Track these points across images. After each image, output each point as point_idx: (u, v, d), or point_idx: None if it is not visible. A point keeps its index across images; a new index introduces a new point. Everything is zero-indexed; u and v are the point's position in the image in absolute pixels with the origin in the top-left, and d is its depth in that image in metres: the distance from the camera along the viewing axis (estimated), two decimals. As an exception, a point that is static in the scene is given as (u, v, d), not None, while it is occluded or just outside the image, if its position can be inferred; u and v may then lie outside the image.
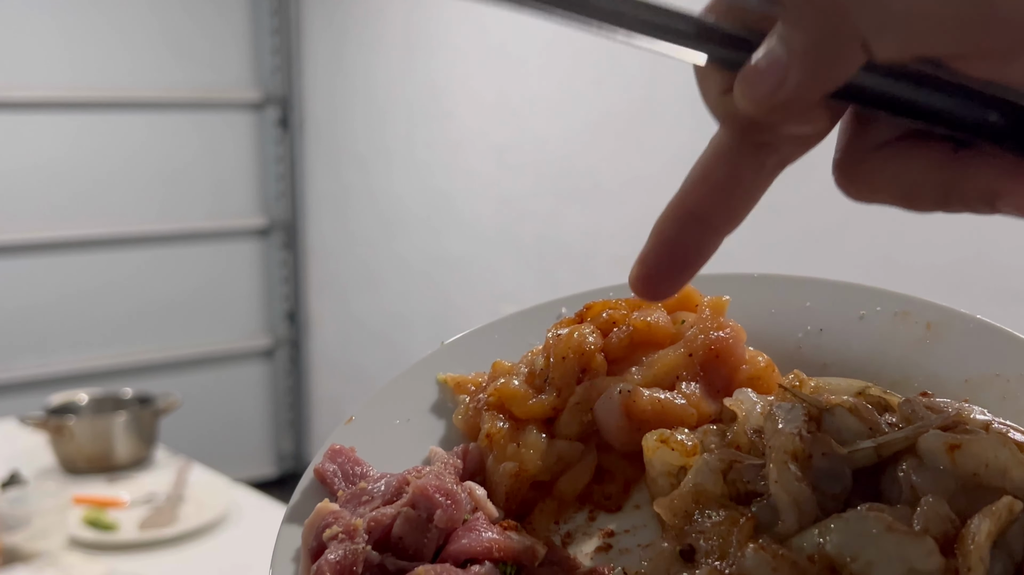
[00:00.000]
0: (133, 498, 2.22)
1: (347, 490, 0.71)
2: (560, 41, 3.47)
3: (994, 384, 0.74)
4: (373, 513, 0.67)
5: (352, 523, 0.65)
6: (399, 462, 0.74)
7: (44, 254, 4.33)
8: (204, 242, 4.67)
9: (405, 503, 0.67)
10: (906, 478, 0.62)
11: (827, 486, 0.63)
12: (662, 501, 0.64)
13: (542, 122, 3.59)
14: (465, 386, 0.80)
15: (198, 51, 4.54)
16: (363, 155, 4.47)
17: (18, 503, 1.72)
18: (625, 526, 0.72)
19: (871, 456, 0.64)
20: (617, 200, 3.35)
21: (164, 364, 4.63)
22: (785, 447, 0.63)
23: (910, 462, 0.63)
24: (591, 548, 0.70)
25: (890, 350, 0.79)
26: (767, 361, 0.78)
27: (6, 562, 1.68)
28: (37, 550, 1.71)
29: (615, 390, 0.73)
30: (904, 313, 0.81)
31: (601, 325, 0.79)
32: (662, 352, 0.77)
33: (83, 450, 2.38)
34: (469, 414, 0.78)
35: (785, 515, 0.62)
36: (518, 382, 0.76)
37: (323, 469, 0.73)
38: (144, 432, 2.43)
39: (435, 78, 4.02)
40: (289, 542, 0.68)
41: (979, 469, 0.61)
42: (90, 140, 4.34)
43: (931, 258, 2.59)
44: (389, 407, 0.79)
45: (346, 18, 4.47)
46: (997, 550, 0.58)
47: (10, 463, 2.30)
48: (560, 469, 0.74)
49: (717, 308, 0.79)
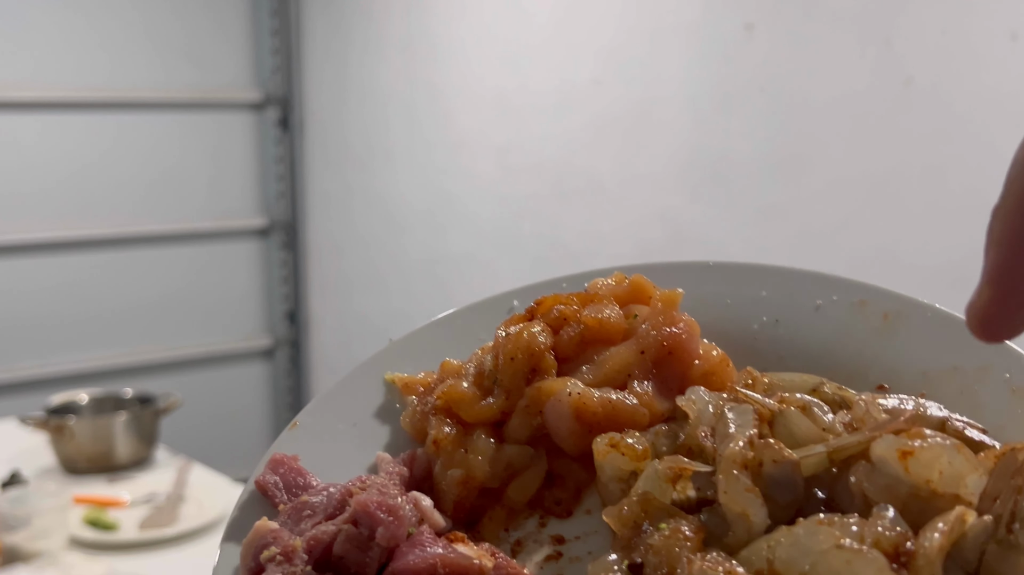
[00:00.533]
0: (133, 498, 2.20)
1: (288, 503, 0.69)
2: (560, 41, 3.45)
3: (952, 378, 0.73)
4: (313, 531, 0.65)
5: (291, 544, 0.63)
6: (345, 469, 0.72)
7: (44, 254, 4.29)
8: (204, 242, 4.64)
9: (346, 519, 0.65)
10: (857, 486, 0.60)
11: (778, 495, 0.62)
12: (611, 510, 0.63)
13: (542, 122, 3.58)
14: (413, 387, 0.78)
15: (198, 52, 4.48)
16: (363, 155, 4.45)
17: (19, 503, 1.70)
18: (576, 532, 0.70)
19: (823, 462, 0.63)
20: (617, 199, 3.34)
21: (164, 364, 4.61)
22: (734, 458, 0.61)
23: (863, 468, 0.61)
24: (541, 557, 0.68)
25: (847, 342, 0.77)
26: (721, 355, 0.76)
27: (7, 562, 1.67)
28: (38, 550, 1.70)
29: (565, 392, 0.71)
30: (861, 302, 0.79)
31: (552, 322, 0.76)
32: (614, 350, 0.75)
33: (83, 450, 2.37)
34: (417, 417, 0.76)
35: (735, 526, 0.60)
36: (466, 384, 0.74)
37: (264, 481, 0.71)
38: (144, 432, 2.42)
39: (435, 78, 4.00)
40: (228, 562, 0.66)
41: (932, 476, 0.59)
42: (90, 140, 4.29)
43: (930, 258, 2.61)
44: (335, 411, 0.77)
45: (346, 18, 4.43)
46: (950, 562, 0.56)
47: (11, 463, 2.29)
48: (509, 475, 0.72)
49: (670, 302, 0.77)
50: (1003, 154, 2.25)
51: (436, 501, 0.69)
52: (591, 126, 3.38)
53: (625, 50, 3.21)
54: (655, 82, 3.13)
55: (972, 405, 0.71)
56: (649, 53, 3.13)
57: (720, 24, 2.93)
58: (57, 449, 2.40)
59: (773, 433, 0.65)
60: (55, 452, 2.41)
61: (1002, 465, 0.60)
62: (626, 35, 3.21)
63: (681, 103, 3.07)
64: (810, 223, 2.82)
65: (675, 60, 3.06)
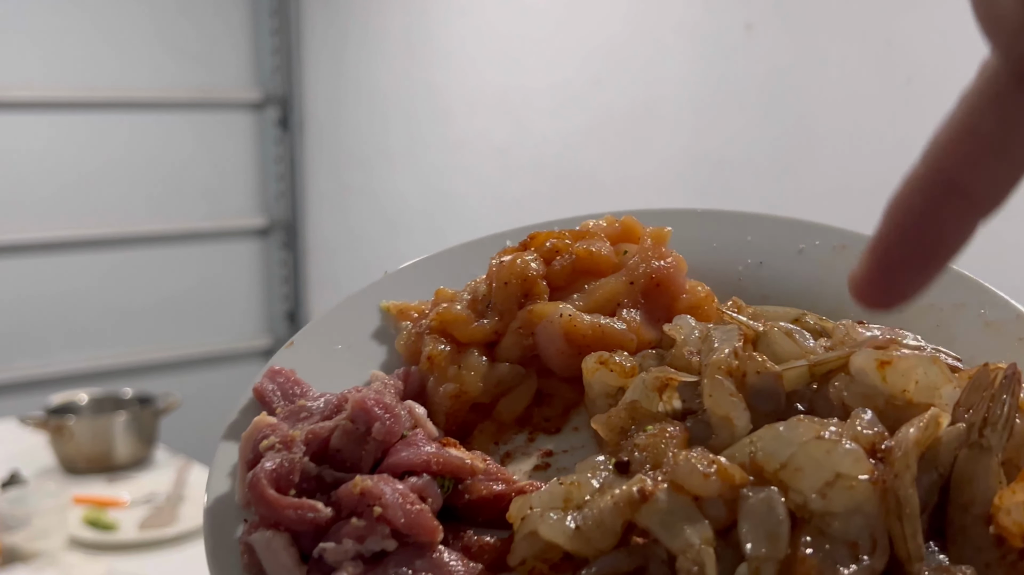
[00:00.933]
0: (133, 498, 2.20)
1: (286, 408, 0.71)
2: (560, 40, 3.47)
3: (928, 314, 0.76)
4: (311, 426, 0.67)
5: (289, 434, 0.65)
6: (339, 385, 0.74)
7: (44, 254, 4.28)
8: (204, 242, 4.64)
9: (344, 417, 0.67)
10: (836, 394, 0.63)
11: (760, 404, 0.64)
12: (599, 418, 0.65)
13: (542, 121, 3.60)
14: (408, 313, 0.81)
15: (198, 51, 4.49)
16: (363, 155, 4.47)
17: (18, 503, 1.70)
18: (563, 447, 0.72)
19: (804, 376, 0.65)
20: (617, 198, 3.37)
21: (164, 364, 4.60)
22: (720, 364, 0.64)
23: (842, 379, 0.64)
24: (529, 467, 0.70)
25: (828, 281, 0.80)
26: (707, 291, 0.79)
27: (6, 562, 1.67)
28: (37, 550, 1.69)
29: (556, 314, 0.74)
30: (842, 247, 0.82)
31: (544, 254, 0.79)
32: (604, 280, 0.78)
33: (83, 450, 2.36)
34: (411, 339, 0.78)
35: (718, 429, 0.63)
36: (460, 307, 0.77)
37: (262, 388, 0.73)
38: (144, 432, 2.42)
39: (435, 77, 4.02)
40: (226, 458, 0.67)
41: (908, 386, 0.62)
42: (89, 141, 4.28)
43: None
44: (331, 333, 0.79)
45: (346, 18, 4.45)
46: (925, 463, 0.59)
47: (10, 463, 2.28)
48: (500, 392, 0.74)
49: (659, 238, 0.79)
50: None
51: (429, 415, 0.71)
52: (591, 125, 3.39)
53: (625, 50, 3.24)
54: (655, 82, 3.15)
55: (947, 338, 0.73)
56: (649, 53, 3.16)
57: (720, 24, 2.96)
58: (57, 449, 2.40)
59: (757, 351, 0.67)
60: (55, 452, 2.41)
61: (975, 379, 0.62)
62: (626, 35, 3.24)
63: (681, 103, 3.09)
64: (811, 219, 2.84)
65: (675, 60, 3.09)
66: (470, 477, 0.67)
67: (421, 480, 0.64)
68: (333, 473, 0.65)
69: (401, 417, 0.67)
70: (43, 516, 1.75)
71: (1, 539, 1.70)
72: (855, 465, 0.56)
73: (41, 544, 1.74)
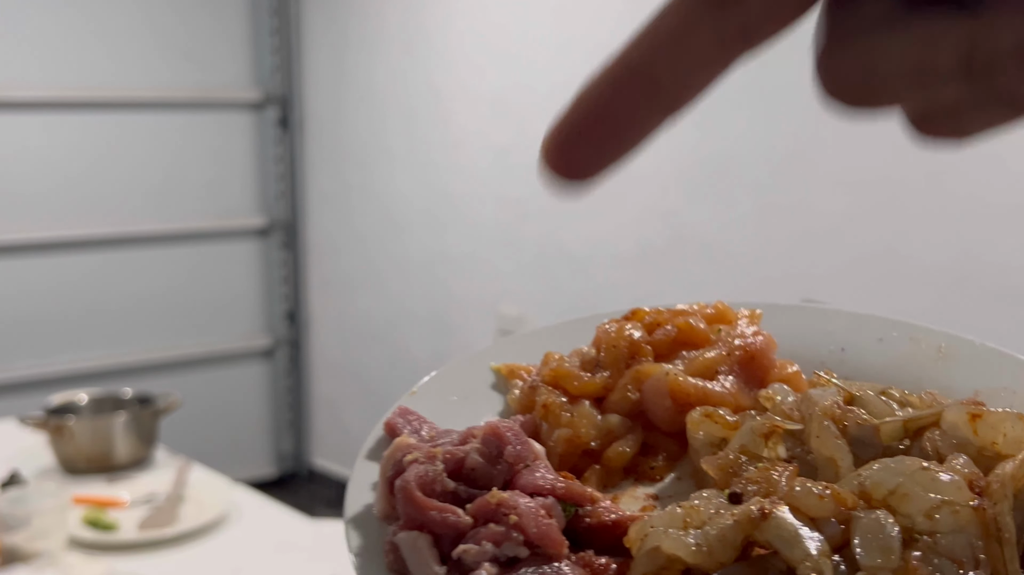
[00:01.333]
0: (133, 498, 2.20)
1: (419, 437, 0.77)
2: (560, 41, 3.54)
3: (1003, 395, 0.82)
4: (448, 447, 0.73)
5: (431, 450, 0.71)
6: (459, 429, 0.79)
7: (44, 254, 4.33)
8: (204, 242, 4.68)
9: (478, 442, 0.73)
10: (932, 444, 0.69)
11: (861, 452, 0.70)
12: (709, 459, 0.71)
13: (542, 122, 3.66)
14: (517, 373, 0.87)
15: (198, 51, 4.60)
16: (363, 155, 4.50)
17: (18, 503, 1.71)
18: (667, 493, 0.77)
19: (899, 430, 0.71)
20: (617, 199, 3.39)
21: (164, 364, 4.62)
22: (825, 410, 0.70)
23: (934, 433, 0.70)
24: (637, 508, 0.75)
25: (907, 368, 0.86)
26: (796, 369, 0.86)
27: (6, 562, 1.67)
28: (37, 550, 1.69)
29: (663, 373, 0.80)
30: (917, 339, 0.89)
31: (647, 326, 0.86)
32: (702, 350, 0.85)
33: (83, 450, 2.37)
34: (524, 393, 0.84)
35: (823, 470, 0.68)
36: (570, 364, 0.83)
37: (393, 421, 0.79)
38: (144, 432, 2.42)
39: (434, 77, 4.07)
40: (364, 475, 0.73)
41: (998, 438, 0.68)
42: (89, 140, 4.37)
43: (930, 257, 2.61)
44: (447, 385, 0.86)
45: (346, 18, 4.51)
46: (1017, 501, 0.64)
47: (10, 463, 2.28)
48: (609, 440, 0.80)
49: (752, 318, 0.87)
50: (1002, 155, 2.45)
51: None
52: None
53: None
54: None
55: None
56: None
57: None
58: (56, 449, 2.40)
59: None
60: (54, 452, 2.41)
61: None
62: (625, 34, 3.30)
63: None
64: (810, 222, 2.86)
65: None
66: (589, 504, 0.72)
67: (548, 500, 0.70)
68: (468, 490, 0.70)
69: (530, 443, 0.73)
70: (43, 516, 1.75)
71: (1, 539, 1.70)
72: (959, 492, 0.61)
73: (41, 544, 1.73)
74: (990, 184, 2.45)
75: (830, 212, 2.79)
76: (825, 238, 2.82)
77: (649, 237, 3.28)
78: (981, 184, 2.47)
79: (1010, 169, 2.41)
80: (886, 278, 2.68)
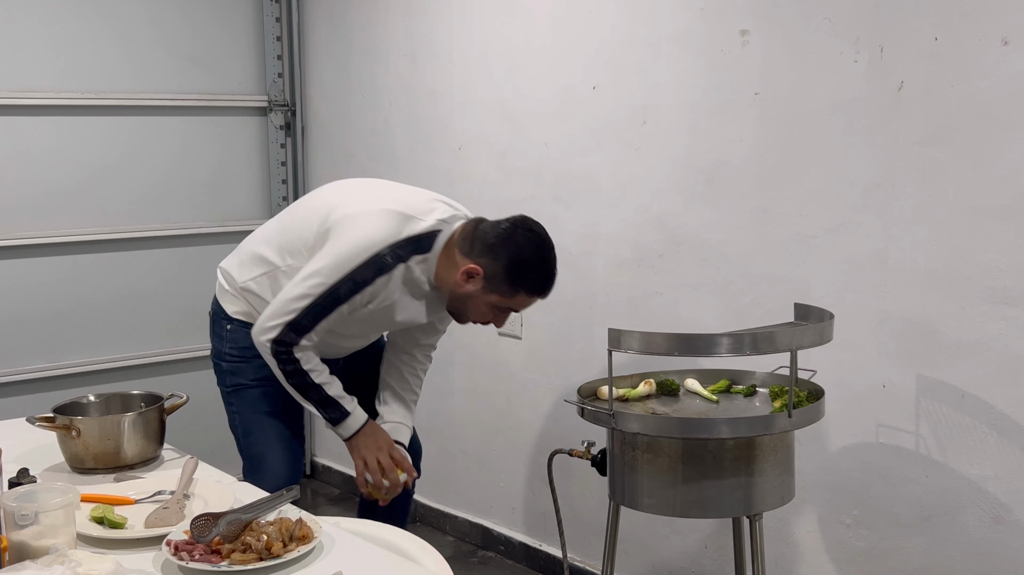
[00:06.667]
0: (140, 496, 2.19)
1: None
2: (559, 47, 3.55)
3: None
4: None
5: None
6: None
7: (53, 256, 4.37)
8: (211, 243, 4.71)
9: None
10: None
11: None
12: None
13: (541, 126, 3.66)
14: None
15: (204, 57, 4.64)
16: (365, 158, 4.51)
17: (27, 500, 1.74)
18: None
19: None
20: (615, 203, 3.43)
21: (171, 363, 4.67)
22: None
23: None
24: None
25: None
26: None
27: (14, 559, 1.71)
28: (45, 547, 1.72)
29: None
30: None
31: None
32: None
33: (91, 448, 2.36)
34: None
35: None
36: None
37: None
38: (151, 431, 2.42)
39: (435, 83, 4.08)
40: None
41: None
42: (100, 144, 4.41)
43: (923, 262, 2.63)
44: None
45: (349, 25, 4.53)
46: None
47: (19, 461, 2.30)
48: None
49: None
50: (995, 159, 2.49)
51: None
52: (589, 131, 3.47)
53: (622, 56, 3.33)
54: (652, 88, 3.24)
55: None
56: (646, 59, 3.25)
57: (716, 31, 3.04)
58: (65, 448, 2.41)
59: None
60: (63, 451, 2.41)
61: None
62: (623, 42, 3.32)
63: (678, 108, 3.17)
64: (804, 226, 2.87)
65: (671, 66, 3.17)
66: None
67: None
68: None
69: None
70: (51, 514, 1.75)
71: (9, 536, 1.72)
72: None
73: (49, 541, 1.73)
74: (983, 188, 2.46)
75: (823, 216, 2.80)
76: (818, 241, 2.83)
77: (646, 240, 3.28)
78: (970, 188, 2.48)
79: (998, 173, 2.43)
80: (879, 279, 2.69)
